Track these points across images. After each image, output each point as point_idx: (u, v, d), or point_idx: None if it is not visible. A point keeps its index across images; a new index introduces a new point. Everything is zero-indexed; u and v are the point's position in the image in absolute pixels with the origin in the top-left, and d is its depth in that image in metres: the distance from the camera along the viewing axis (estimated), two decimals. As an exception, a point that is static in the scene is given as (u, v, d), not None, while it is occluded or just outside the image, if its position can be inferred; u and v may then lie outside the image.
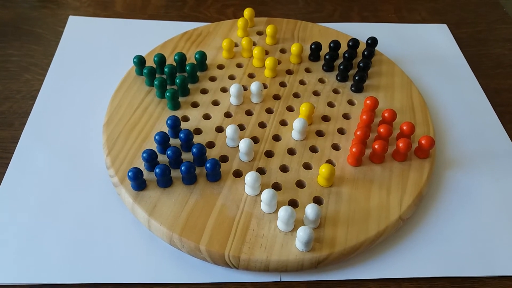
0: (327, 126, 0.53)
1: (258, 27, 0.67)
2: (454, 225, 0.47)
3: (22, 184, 0.48)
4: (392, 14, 0.76)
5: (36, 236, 0.44)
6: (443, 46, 0.69)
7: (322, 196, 0.46)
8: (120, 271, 0.42)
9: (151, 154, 0.45)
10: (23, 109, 0.56)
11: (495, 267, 0.44)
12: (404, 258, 0.44)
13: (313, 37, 0.65)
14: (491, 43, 0.71)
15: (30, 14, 0.71)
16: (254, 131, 0.52)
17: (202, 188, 0.46)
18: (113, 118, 0.52)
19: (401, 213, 0.45)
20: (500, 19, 0.76)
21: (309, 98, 0.56)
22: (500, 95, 0.62)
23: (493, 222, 0.47)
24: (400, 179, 0.48)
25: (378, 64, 0.62)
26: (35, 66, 0.62)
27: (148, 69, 0.55)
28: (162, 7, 0.74)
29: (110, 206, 0.46)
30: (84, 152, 0.51)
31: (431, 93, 0.61)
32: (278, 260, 0.41)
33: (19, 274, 0.41)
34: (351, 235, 0.43)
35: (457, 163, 0.53)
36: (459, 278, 0.43)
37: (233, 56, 0.61)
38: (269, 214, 0.44)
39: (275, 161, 0.49)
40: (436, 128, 0.56)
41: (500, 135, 0.56)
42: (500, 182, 0.51)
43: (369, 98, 0.53)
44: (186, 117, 0.53)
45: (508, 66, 0.67)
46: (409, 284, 0.43)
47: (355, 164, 0.49)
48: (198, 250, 0.41)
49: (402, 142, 0.48)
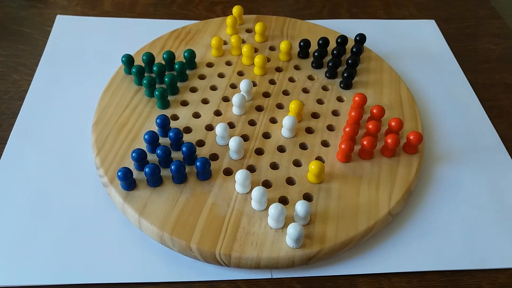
0: (316, 123, 0.53)
1: (247, 25, 0.67)
2: (443, 220, 0.47)
3: (11, 186, 0.48)
4: (380, 10, 0.76)
5: (26, 237, 0.44)
6: (431, 42, 0.69)
7: (312, 193, 0.46)
8: (111, 271, 0.42)
9: (141, 153, 0.45)
10: (11, 110, 0.56)
11: (483, 261, 0.44)
12: (394, 253, 0.45)
13: (302, 34, 0.65)
14: (479, 38, 0.72)
15: (17, 14, 0.70)
16: (244, 129, 0.52)
17: (192, 187, 0.46)
18: (102, 117, 0.52)
19: (390, 209, 0.45)
20: (488, 14, 0.76)
21: (298, 96, 0.57)
22: (488, 90, 0.63)
23: (481, 216, 0.48)
24: (389, 175, 0.48)
25: (367, 60, 0.62)
26: (23, 66, 0.61)
27: (137, 68, 0.54)
28: (150, 5, 0.74)
29: (100, 206, 0.46)
30: (73, 152, 0.51)
31: (420, 89, 0.61)
32: (269, 257, 0.41)
33: (9, 276, 0.41)
34: (341, 231, 0.43)
35: (445, 158, 0.53)
36: (448, 272, 0.44)
37: (222, 54, 0.61)
38: (260, 211, 0.44)
39: (265, 159, 0.49)
40: (425, 123, 0.57)
41: (487, 130, 0.57)
42: (488, 176, 0.52)
43: (358, 95, 0.53)
44: (175, 115, 0.53)
45: (495, 61, 0.67)
46: (399, 278, 0.43)
47: (344, 160, 0.49)
48: (189, 248, 0.42)
49: (391, 138, 0.48)
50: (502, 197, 0.50)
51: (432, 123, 0.57)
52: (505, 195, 0.50)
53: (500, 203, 0.49)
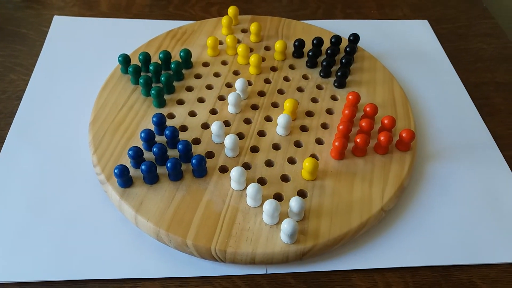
0: (310, 121, 0.54)
1: (243, 25, 0.67)
2: (435, 216, 0.48)
3: (9, 184, 0.48)
4: (374, 11, 0.77)
5: (24, 234, 0.44)
6: (424, 42, 0.70)
7: (306, 190, 0.47)
8: (108, 267, 0.42)
9: (137, 151, 0.46)
10: (8, 109, 0.56)
11: (474, 256, 0.45)
12: (387, 248, 0.45)
13: (297, 34, 0.65)
14: (471, 38, 0.72)
15: (14, 15, 0.70)
16: (240, 127, 0.53)
17: (188, 184, 0.46)
18: (99, 116, 0.52)
19: (383, 205, 0.46)
20: (480, 15, 0.77)
21: (293, 94, 0.57)
22: (480, 89, 0.63)
23: (473, 212, 0.49)
24: (382, 172, 0.49)
25: (361, 60, 0.63)
26: (20, 66, 0.62)
27: (133, 67, 0.55)
28: (146, 6, 0.74)
29: (97, 204, 0.47)
30: (70, 150, 0.51)
31: (412, 88, 0.62)
32: (264, 252, 0.42)
33: (7, 272, 0.42)
34: (335, 226, 0.44)
35: (437, 155, 0.54)
36: (440, 267, 0.45)
37: (218, 54, 0.62)
38: (255, 208, 0.45)
39: (260, 156, 0.50)
40: (417, 121, 0.58)
41: (479, 128, 0.58)
42: (480, 173, 0.52)
43: (352, 93, 0.54)
44: (171, 114, 0.54)
45: (487, 60, 0.68)
46: (392, 273, 0.44)
47: (338, 157, 0.50)
48: (185, 244, 0.42)
49: (384, 135, 0.49)
50: (493, 193, 0.50)
51: (425, 121, 0.58)
52: (496, 191, 0.51)
53: (491, 199, 0.50)
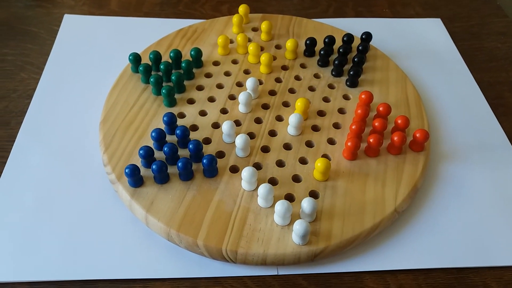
0: (322, 121, 0.53)
1: (253, 24, 0.67)
2: (449, 217, 0.47)
3: (20, 183, 0.48)
4: (386, 9, 0.76)
5: (34, 233, 0.44)
6: (437, 41, 0.69)
7: (318, 190, 0.46)
8: (118, 267, 0.42)
9: (148, 150, 0.46)
10: (19, 108, 0.56)
11: (489, 258, 0.44)
12: (400, 250, 0.45)
13: (308, 33, 0.65)
14: (485, 37, 0.71)
15: (25, 13, 0.71)
16: (250, 126, 0.52)
17: (199, 184, 0.46)
18: (110, 115, 0.52)
19: (396, 206, 0.45)
20: (493, 13, 0.76)
21: (304, 94, 0.57)
22: (494, 88, 0.62)
23: (487, 213, 0.48)
24: (395, 172, 0.48)
25: (373, 59, 0.62)
26: (30, 65, 0.62)
27: (144, 66, 0.55)
28: (157, 4, 0.74)
29: (108, 203, 0.47)
30: (80, 150, 0.51)
31: (426, 87, 0.61)
32: (275, 253, 0.41)
33: (17, 271, 0.42)
34: (347, 228, 0.43)
35: (451, 155, 0.53)
36: (454, 269, 0.44)
37: (229, 53, 0.61)
38: (266, 208, 0.44)
39: (271, 156, 0.49)
40: (431, 121, 0.57)
41: (494, 128, 0.57)
42: (494, 174, 0.52)
43: (364, 93, 0.53)
44: (182, 113, 0.53)
45: (501, 59, 0.67)
46: (405, 275, 0.43)
47: (351, 158, 0.49)
48: (196, 245, 0.42)
49: (397, 135, 0.48)
50: (508, 195, 0.50)
51: (438, 121, 0.57)
52: (511, 193, 0.50)
53: (505, 200, 0.49)
